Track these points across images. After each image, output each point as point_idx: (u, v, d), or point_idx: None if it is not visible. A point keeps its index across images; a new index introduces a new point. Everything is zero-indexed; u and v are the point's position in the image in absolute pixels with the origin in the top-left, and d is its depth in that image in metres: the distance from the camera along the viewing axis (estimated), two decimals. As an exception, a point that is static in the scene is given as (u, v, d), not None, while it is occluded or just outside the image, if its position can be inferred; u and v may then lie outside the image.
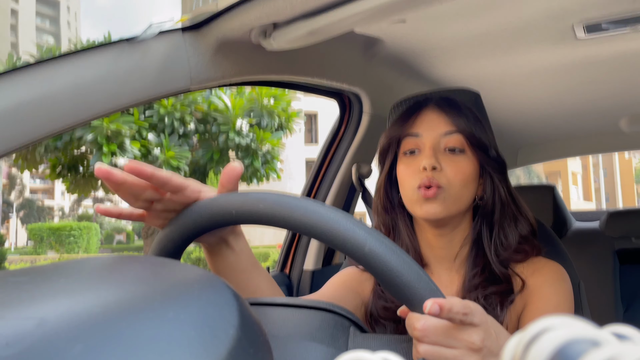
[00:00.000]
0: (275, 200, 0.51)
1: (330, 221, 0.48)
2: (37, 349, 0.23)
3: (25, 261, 16.50)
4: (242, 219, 0.53)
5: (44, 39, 52.37)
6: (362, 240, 0.47)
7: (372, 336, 0.50)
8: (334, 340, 0.47)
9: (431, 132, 0.82)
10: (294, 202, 0.50)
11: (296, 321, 0.50)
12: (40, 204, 45.78)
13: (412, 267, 0.47)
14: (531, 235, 0.83)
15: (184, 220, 0.57)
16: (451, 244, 0.85)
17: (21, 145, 0.70)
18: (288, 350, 0.46)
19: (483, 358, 0.48)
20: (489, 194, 0.83)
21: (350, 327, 0.51)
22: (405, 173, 0.83)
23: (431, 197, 0.78)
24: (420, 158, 0.81)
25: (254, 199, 0.52)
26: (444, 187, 0.78)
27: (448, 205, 0.79)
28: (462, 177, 0.80)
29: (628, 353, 0.18)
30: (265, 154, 9.51)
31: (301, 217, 0.49)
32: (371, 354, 0.24)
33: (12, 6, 49.60)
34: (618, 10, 0.96)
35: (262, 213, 0.51)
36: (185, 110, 9.01)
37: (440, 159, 0.80)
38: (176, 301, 0.30)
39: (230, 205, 0.54)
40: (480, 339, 0.47)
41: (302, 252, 1.56)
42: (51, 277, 0.34)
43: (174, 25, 0.84)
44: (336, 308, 0.52)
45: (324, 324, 0.49)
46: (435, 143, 0.81)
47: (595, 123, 1.84)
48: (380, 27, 1.07)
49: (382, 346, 0.48)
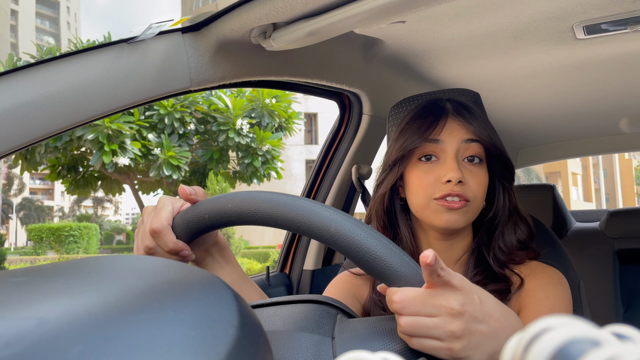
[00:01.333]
0: (241, 198, 0.52)
1: (294, 208, 0.48)
2: (37, 349, 0.23)
3: (25, 261, 16.49)
4: (215, 222, 0.55)
5: (44, 39, 52.35)
6: (328, 222, 0.47)
7: (357, 320, 0.50)
8: (319, 327, 0.48)
9: (453, 138, 0.79)
10: (260, 196, 0.51)
11: (283, 316, 0.50)
12: (40, 205, 45.77)
13: (381, 241, 0.46)
14: (529, 239, 0.83)
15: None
16: (452, 247, 0.85)
17: (21, 146, 0.70)
18: (273, 342, 0.46)
19: (466, 323, 0.46)
20: (500, 203, 0.83)
21: (338, 314, 0.51)
22: (421, 181, 0.79)
23: (455, 209, 0.76)
24: (441, 168, 0.78)
25: (222, 200, 0.54)
26: (471, 200, 0.77)
27: (468, 217, 0.79)
28: (483, 190, 0.79)
29: (628, 353, 0.18)
30: (265, 153, 9.52)
31: (268, 210, 0.50)
32: (371, 354, 0.24)
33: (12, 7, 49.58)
34: (618, 11, 0.96)
35: (231, 213, 0.52)
36: (185, 111, 9.02)
37: (463, 171, 0.78)
38: (176, 301, 0.30)
39: (203, 209, 0.55)
40: (459, 303, 0.46)
41: (302, 252, 1.56)
42: (51, 277, 0.34)
43: (174, 26, 0.84)
44: (322, 298, 0.53)
45: (310, 314, 0.50)
46: (457, 150, 0.79)
47: (595, 124, 1.84)
48: (380, 28, 1.07)
49: (367, 328, 0.48)
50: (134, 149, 8.70)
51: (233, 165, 10.00)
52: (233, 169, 10.06)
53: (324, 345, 0.45)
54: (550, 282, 0.78)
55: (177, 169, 9.01)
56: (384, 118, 1.42)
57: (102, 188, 10.53)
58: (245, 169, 9.58)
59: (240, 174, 9.93)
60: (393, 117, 1.01)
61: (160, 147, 8.99)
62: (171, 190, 10.40)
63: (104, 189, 10.53)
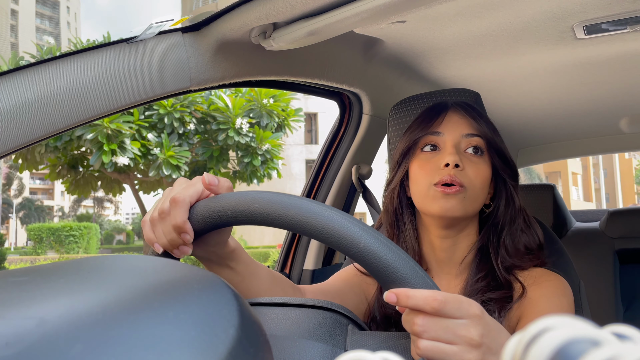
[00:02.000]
0: (269, 200, 0.51)
1: (324, 219, 0.48)
2: (37, 349, 0.23)
3: (25, 261, 16.49)
4: (237, 220, 0.53)
5: (44, 39, 52.35)
6: (357, 238, 0.47)
7: (370, 334, 0.50)
8: (332, 338, 0.47)
9: (453, 131, 0.82)
10: (289, 201, 0.50)
11: (294, 320, 0.50)
12: (40, 204, 45.77)
13: (406, 261, 0.47)
14: (537, 249, 0.83)
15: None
16: (454, 247, 0.84)
17: (21, 145, 0.70)
18: (287, 349, 0.46)
19: (483, 354, 0.47)
20: (503, 201, 0.84)
21: (349, 325, 0.51)
22: (422, 169, 0.82)
23: (451, 194, 0.77)
24: (441, 155, 0.81)
25: (248, 198, 0.52)
26: (466, 186, 0.78)
27: (466, 205, 0.79)
28: (482, 179, 0.80)
29: (628, 353, 0.18)
30: (264, 153, 9.51)
31: (296, 217, 0.49)
32: (371, 354, 0.24)
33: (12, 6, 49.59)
34: (618, 11, 0.96)
35: (257, 213, 0.51)
36: (185, 110, 9.02)
37: (461, 158, 0.80)
38: (176, 301, 0.30)
39: (225, 204, 0.54)
40: (478, 334, 0.47)
41: (302, 252, 1.56)
42: (51, 277, 0.34)
43: (174, 25, 0.84)
44: (334, 306, 0.52)
45: (322, 322, 0.49)
46: (457, 142, 0.82)
47: (595, 124, 1.84)
48: (380, 28, 1.07)
49: (380, 343, 0.48)
50: (134, 148, 8.69)
51: (233, 165, 10.00)
52: (233, 168, 10.05)
53: (337, 357, 0.45)
54: (555, 293, 0.77)
55: (176, 168, 9.01)
56: (384, 118, 1.42)
57: (102, 188, 10.52)
58: (245, 169, 9.57)
59: (239, 174, 9.93)
60: (393, 117, 1.01)
61: (160, 147, 8.98)
62: (171, 190, 10.35)
63: (104, 189, 10.53)
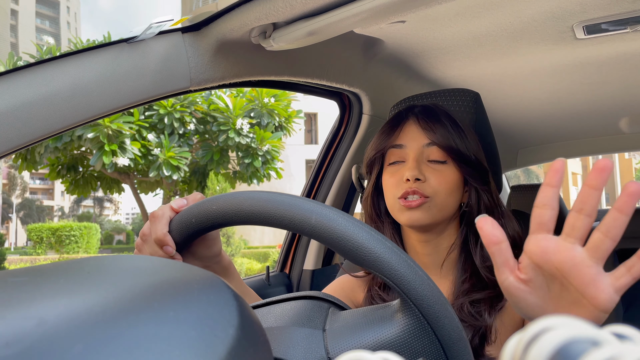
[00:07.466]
0: (224, 199, 0.52)
1: (275, 203, 0.48)
2: (37, 349, 0.23)
3: (25, 261, 16.48)
4: (202, 225, 0.55)
5: (44, 39, 52.34)
6: (308, 214, 0.46)
7: (348, 311, 0.50)
8: (310, 321, 0.48)
9: (414, 143, 0.84)
10: (242, 195, 0.51)
11: (276, 314, 0.50)
12: (40, 204, 45.79)
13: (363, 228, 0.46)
14: (518, 240, 0.83)
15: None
16: (437, 249, 0.86)
17: (21, 146, 0.70)
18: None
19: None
20: (473, 201, 0.85)
21: (330, 307, 0.51)
22: (389, 183, 0.85)
23: (414, 207, 0.80)
24: (404, 169, 0.83)
25: (206, 203, 0.54)
26: (431, 196, 0.81)
27: (434, 213, 0.81)
28: (447, 187, 0.82)
29: (628, 353, 0.18)
30: (265, 153, 9.51)
31: (250, 208, 0.49)
32: (371, 354, 0.24)
33: (12, 6, 49.59)
34: (618, 11, 0.96)
35: (216, 214, 0.52)
36: (185, 111, 9.02)
37: (424, 169, 0.82)
38: (176, 301, 0.30)
39: (190, 214, 0.55)
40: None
41: (302, 252, 1.56)
42: (51, 277, 0.34)
43: (174, 25, 0.84)
44: (314, 293, 0.53)
45: (302, 309, 0.50)
46: (419, 154, 0.84)
47: (595, 124, 1.84)
48: (380, 28, 1.07)
49: (358, 318, 0.48)
50: (134, 149, 8.69)
51: (233, 165, 10.00)
52: (233, 169, 10.05)
53: (314, 337, 0.45)
54: None
55: (176, 169, 9.01)
56: (384, 118, 1.42)
57: (102, 188, 10.53)
58: (245, 169, 9.57)
59: (240, 174, 9.93)
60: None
61: (160, 147, 8.99)
62: (171, 191, 10.40)
63: (103, 189, 10.53)
